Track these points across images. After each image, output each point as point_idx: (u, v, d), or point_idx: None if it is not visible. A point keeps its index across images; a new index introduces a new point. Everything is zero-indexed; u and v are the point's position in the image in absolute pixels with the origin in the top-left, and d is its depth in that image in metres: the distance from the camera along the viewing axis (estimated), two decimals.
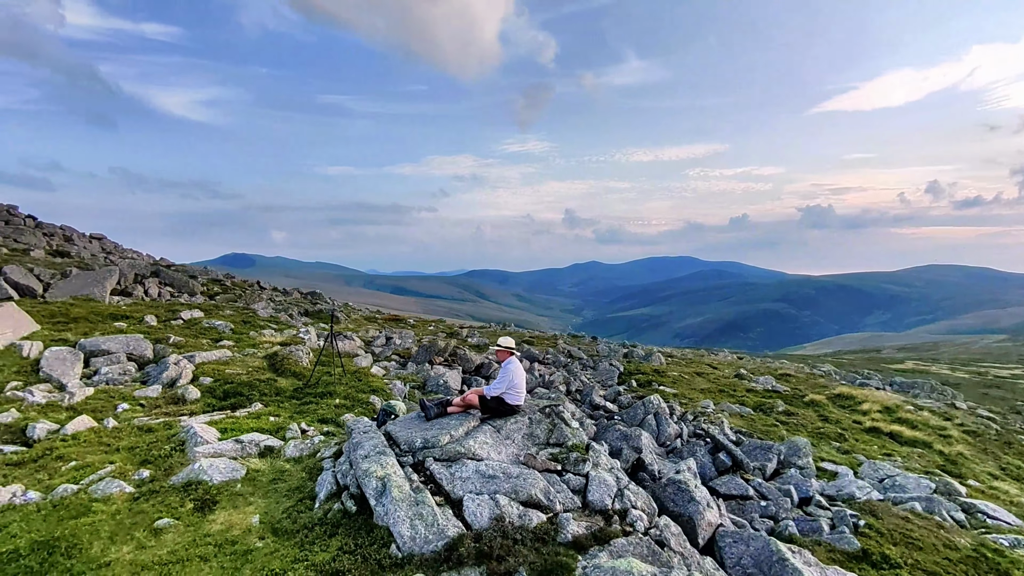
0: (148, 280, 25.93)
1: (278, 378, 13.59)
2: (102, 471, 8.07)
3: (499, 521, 6.15)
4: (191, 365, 13.94)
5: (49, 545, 6.26)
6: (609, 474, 7.30)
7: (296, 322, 22.74)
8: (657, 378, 19.37)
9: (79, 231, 44.72)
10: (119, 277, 24.66)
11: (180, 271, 35.81)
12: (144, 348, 15.36)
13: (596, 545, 6.04)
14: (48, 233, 38.80)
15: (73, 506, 7.08)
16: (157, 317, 20.20)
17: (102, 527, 6.64)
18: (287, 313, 24.83)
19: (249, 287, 38.10)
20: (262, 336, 18.56)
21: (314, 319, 25.35)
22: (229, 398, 11.73)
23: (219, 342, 17.36)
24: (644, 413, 13.97)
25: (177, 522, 6.79)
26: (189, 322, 20.20)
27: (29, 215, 41.26)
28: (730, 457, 12.03)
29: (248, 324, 21.05)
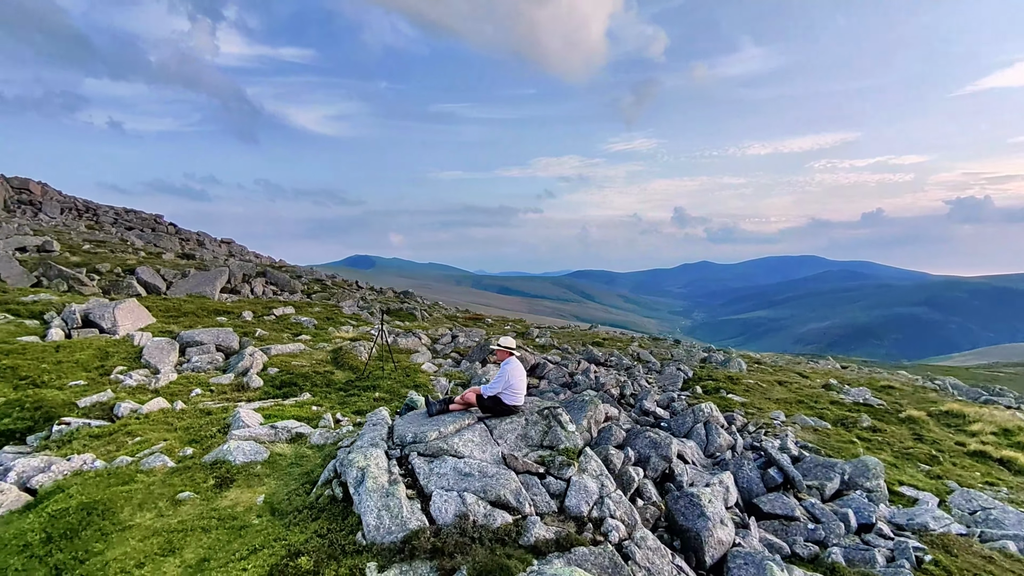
0: (254, 280, 28.89)
1: (336, 371, 14.55)
2: (155, 447, 9.20)
3: (463, 519, 6.17)
4: (264, 356, 15.37)
5: (91, 506, 7.27)
6: (594, 481, 7.01)
7: (375, 320, 24.16)
8: (728, 385, 18.10)
9: (212, 236, 50.86)
10: (229, 277, 27.75)
11: (286, 271, 39.47)
12: (231, 340, 17.16)
13: (556, 551, 5.85)
14: (185, 239, 44.54)
15: (122, 475, 8.15)
16: (254, 313, 22.45)
17: (136, 495, 7.58)
18: (369, 311, 26.45)
19: (348, 286, 41.04)
20: (338, 332, 19.94)
21: (394, 316, 26.75)
22: (284, 388, 12.78)
23: (298, 336, 18.93)
24: (693, 421, 13.15)
25: (196, 496, 7.58)
26: (280, 318, 22.21)
27: (171, 223, 47.68)
28: (781, 473, 11.00)
29: (331, 320, 22.72)
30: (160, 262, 28.27)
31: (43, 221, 36.06)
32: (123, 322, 18.06)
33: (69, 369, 13.92)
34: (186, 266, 28.65)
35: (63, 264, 23.53)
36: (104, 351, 15.22)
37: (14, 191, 42.64)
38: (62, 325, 17.25)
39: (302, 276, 39.02)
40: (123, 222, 43.39)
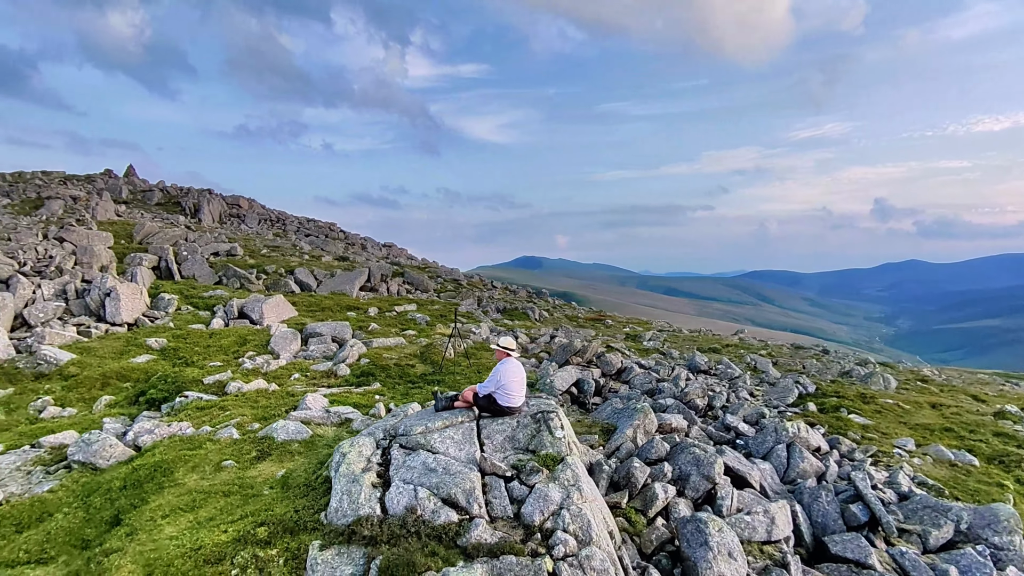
0: (392, 279, 31.87)
1: (418, 364, 15.52)
2: (232, 421, 10.78)
3: (411, 511, 6.29)
4: (363, 348, 16.96)
5: (161, 464, 8.83)
6: (560, 491, 6.59)
7: (486, 318, 25.11)
8: (855, 404, 15.35)
9: (375, 240, 57.05)
10: (369, 277, 30.98)
11: (428, 271, 42.73)
12: (345, 332, 19.20)
13: (485, 556, 5.69)
14: (351, 243, 50.60)
15: (196, 442, 9.74)
16: (379, 309, 24.80)
17: (195, 459, 9.00)
18: (483, 310, 27.54)
19: (482, 286, 43.10)
20: (442, 329, 21.16)
21: (506, 316, 27.49)
22: (362, 377, 14.00)
23: (405, 331, 20.50)
24: (774, 441, 11.48)
25: (235, 465, 8.75)
26: (400, 314, 24.23)
27: (342, 229, 54.54)
28: (866, 510, 9.17)
29: (444, 318, 24.17)
30: (318, 264, 32.64)
31: (242, 230, 43.91)
32: (268, 315, 21.25)
33: (214, 352, 16.83)
34: (338, 267, 32.67)
35: (240, 266, 28.46)
36: (244, 338, 18.11)
37: (228, 206, 52.55)
38: (223, 316, 20.85)
39: (440, 276, 41.97)
40: (303, 229, 50.94)
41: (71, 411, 13.18)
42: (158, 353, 16.74)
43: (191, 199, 47.36)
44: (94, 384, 14.46)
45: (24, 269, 20.87)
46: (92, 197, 34.96)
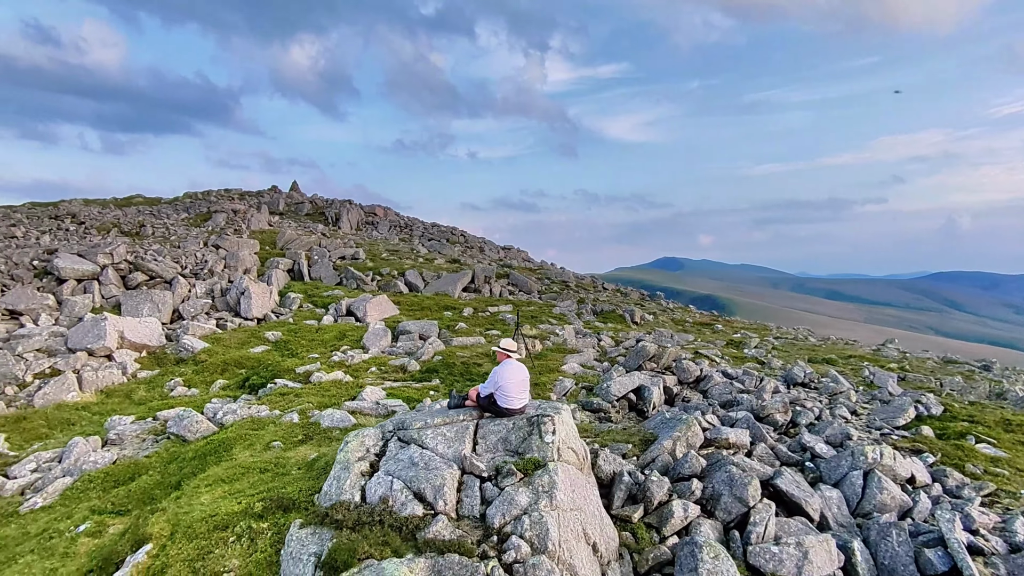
0: (496, 280, 32.83)
1: (486, 363, 15.87)
2: (298, 407, 11.98)
3: (383, 501, 6.57)
4: (441, 346, 17.76)
5: (226, 441, 10.13)
6: (529, 495, 6.40)
7: (576, 321, 24.80)
8: (990, 431, 12.59)
9: (495, 244, 59.03)
10: (472, 278, 32.21)
11: (539, 272, 43.19)
12: (431, 330, 20.25)
13: (433, 552, 5.76)
14: (469, 246, 52.93)
15: (261, 423, 11.00)
16: (474, 309, 25.71)
17: (252, 438, 10.19)
18: (578, 312, 27.20)
19: (593, 287, 42.56)
20: (529, 330, 21.35)
21: (602, 318, 26.87)
22: (427, 373, 14.69)
23: (490, 331, 21.05)
24: (849, 467, 9.88)
25: (281, 446, 9.75)
26: (493, 314, 24.90)
27: (462, 233, 57.24)
28: (947, 559, 7.65)
29: (533, 319, 24.36)
30: (430, 266, 34.71)
31: (373, 236, 48.14)
32: (371, 313, 23.11)
33: (316, 345, 18.74)
34: (447, 269, 34.45)
35: (359, 269, 31.28)
36: (343, 333, 19.92)
37: (365, 215, 57.91)
38: (333, 313, 23.10)
39: (549, 278, 42.18)
40: (427, 234, 54.39)
41: (194, 391, 15.57)
42: (272, 345, 19.09)
43: (333, 209, 53.04)
44: (216, 369, 16.92)
45: (184, 272, 25.05)
46: (250, 211, 40.85)
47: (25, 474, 10.68)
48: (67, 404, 14.34)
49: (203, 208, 42.54)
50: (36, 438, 12.57)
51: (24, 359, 16.31)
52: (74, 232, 30.98)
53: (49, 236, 29.20)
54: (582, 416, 12.27)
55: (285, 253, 31.86)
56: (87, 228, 32.28)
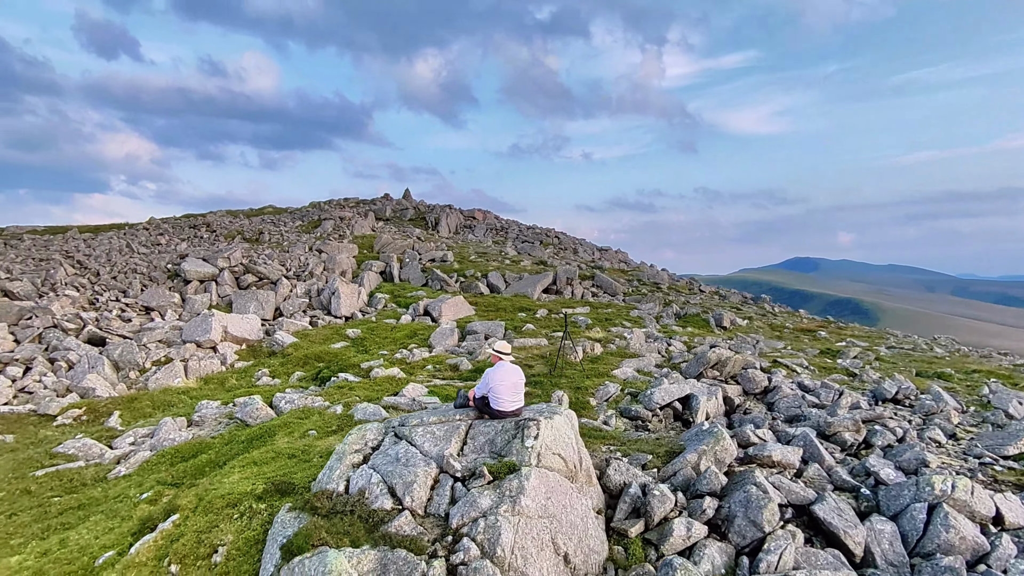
0: (580, 282, 32.45)
1: (538, 365, 15.79)
2: (344, 400, 12.77)
3: (360, 493, 6.85)
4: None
5: (271, 427, 11.09)
6: (492, 499, 6.30)
7: (651, 324, 23.75)
8: None
9: (595, 245, 58.35)
10: (554, 280, 32.09)
11: (630, 274, 41.93)
12: (497, 331, 20.54)
13: (386, 545, 5.91)
14: (563, 247, 52.78)
15: (309, 413, 11.89)
16: (549, 311, 25.64)
17: (295, 426, 11.04)
18: (656, 315, 26.00)
19: (687, 290, 40.49)
20: (590, 332, 20.91)
21: (683, 322, 25.44)
22: (475, 372, 14.92)
23: (555, 332, 20.87)
24: (911, 499, 8.46)
25: (315, 435, 10.48)
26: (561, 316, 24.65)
27: (557, 234, 57.20)
28: None
29: (607, 321, 23.75)
30: (515, 268, 35.15)
31: (468, 239, 49.72)
32: (446, 313, 23.94)
33: (387, 343, 19.83)
34: (532, 271, 34.67)
35: (446, 271, 32.51)
36: (415, 332, 20.85)
37: (464, 219, 60.02)
38: (411, 313, 24.25)
39: (640, 278, 40.76)
40: (522, 236, 55.02)
41: (276, 381, 17.18)
42: (351, 341, 20.50)
43: (433, 214, 55.61)
44: (298, 362, 18.53)
45: (288, 274, 27.69)
46: (355, 217, 44.12)
47: (123, 446, 12.50)
48: (172, 388, 16.51)
49: (315, 216, 46.69)
50: (142, 416, 14.62)
51: (147, 348, 19.03)
52: (206, 239, 35.71)
53: (186, 243, 33.89)
54: (618, 423, 11.79)
55: (379, 256, 34.02)
56: (217, 236, 37.04)
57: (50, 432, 13.66)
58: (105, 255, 29.21)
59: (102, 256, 28.99)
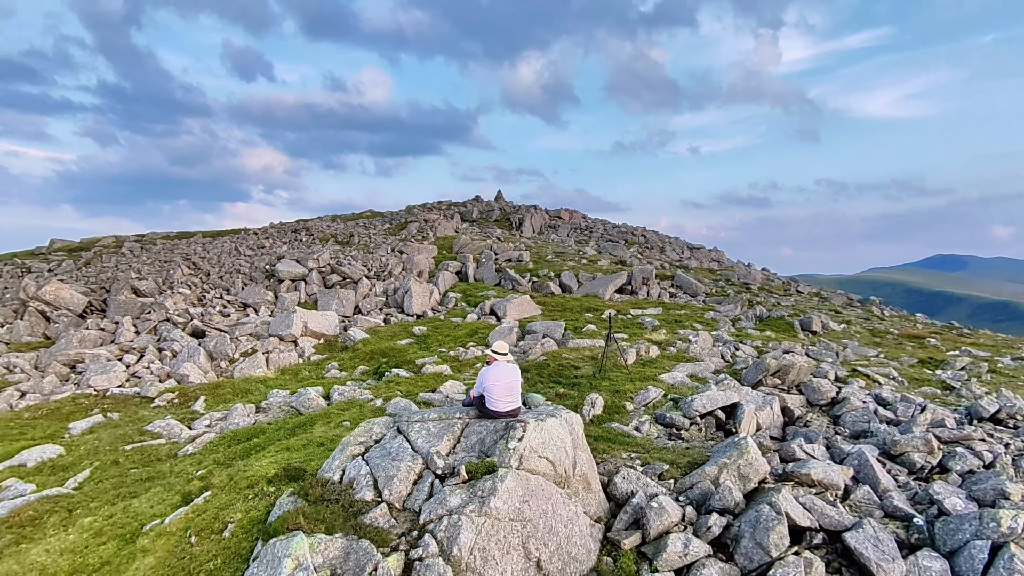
0: (659, 282, 31.28)
1: (586, 366, 15.46)
2: (387, 394, 13.32)
3: (349, 483, 7.16)
4: (554, 346, 17.81)
5: (314, 417, 11.86)
6: (462, 498, 6.28)
7: (723, 327, 22.28)
8: None
9: (689, 244, 56.01)
10: (629, 280, 31.16)
11: (710, 273, 39.66)
12: (556, 331, 20.36)
13: (353, 534, 6.13)
14: (649, 246, 51.09)
15: (349, 405, 12.57)
16: (618, 312, 24.99)
17: (334, 416, 11.72)
18: (734, 317, 24.31)
19: (783, 291, 37.53)
20: (653, 334, 20.07)
21: (764, 325, 23.55)
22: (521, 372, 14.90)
23: (617, 333, 20.29)
24: (972, 535, 7.20)
25: (347, 425, 11.05)
26: (634, 317, 23.93)
27: (645, 233, 55.41)
28: None
29: (676, 323, 22.67)
30: (591, 267, 34.59)
31: (551, 239, 49.65)
32: (511, 312, 24.15)
33: (448, 340, 20.40)
34: (609, 270, 33.91)
35: (520, 271, 32.74)
36: (476, 331, 21.25)
37: (549, 219, 60.04)
38: (477, 312, 24.74)
39: (728, 278, 38.39)
40: (606, 236, 53.95)
41: (343, 374, 18.31)
42: (415, 338, 21.32)
43: (518, 215, 56.19)
44: (364, 357, 19.60)
45: (369, 274, 29.35)
46: (440, 220, 45.75)
47: (200, 428, 13.96)
48: (252, 378, 18.16)
49: (402, 219, 49.02)
50: (222, 401, 16.24)
51: (238, 340, 21.08)
52: (304, 242, 38.90)
53: (287, 246, 37.12)
54: (651, 429, 11.23)
55: (456, 257, 35.02)
56: (314, 239, 40.18)
57: (147, 412, 15.60)
58: (216, 257, 32.91)
59: (214, 258, 32.69)
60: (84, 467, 12.04)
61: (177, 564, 7.05)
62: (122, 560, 7.62)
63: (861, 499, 8.80)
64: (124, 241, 41.18)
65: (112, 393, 16.99)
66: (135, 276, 28.18)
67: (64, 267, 34.22)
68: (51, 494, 10.61)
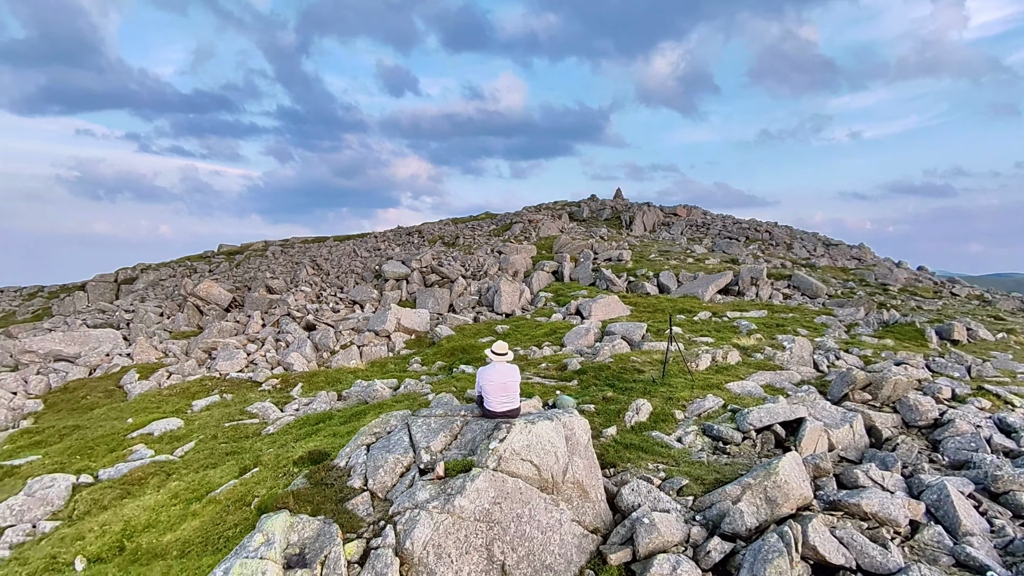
0: (763, 281, 28.64)
1: (651, 371, 14.70)
2: (442, 389, 13.78)
3: (347, 471, 7.62)
4: (626, 349, 17.16)
5: (368, 409, 12.67)
6: (429, 493, 6.36)
7: (834, 332, 19.69)
8: None
9: (831, 239, 50.71)
10: (734, 280, 28.86)
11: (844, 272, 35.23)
12: (637, 333, 19.63)
13: (332, 519, 6.52)
14: (774, 242, 46.87)
15: (406, 398, 13.24)
16: (713, 313, 23.39)
17: (387, 407, 12.41)
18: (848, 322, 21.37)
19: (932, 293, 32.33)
20: (743, 339, 18.43)
21: (886, 331, 20.38)
22: (580, 375, 14.59)
23: (701, 337, 18.99)
24: None
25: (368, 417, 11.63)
26: (729, 320, 22.21)
27: (767, 230, 50.83)
28: None
29: (778, 327, 20.59)
30: (695, 267, 32.57)
31: (662, 237, 47.56)
32: (596, 313, 23.68)
33: (526, 339, 20.59)
34: (716, 269, 31.69)
35: (617, 270, 31.84)
36: (553, 330, 21.17)
37: (664, 216, 57.54)
38: (562, 312, 24.60)
39: (868, 280, 33.91)
40: (725, 232, 50.31)
41: (422, 368, 19.29)
42: (497, 336, 21.77)
43: (629, 213, 54.65)
44: (445, 353, 20.45)
45: (466, 274, 30.48)
46: (544, 220, 46.02)
47: (289, 411, 15.58)
48: (345, 368, 19.84)
49: (507, 221, 50.04)
50: (315, 388, 17.95)
51: (341, 334, 23.12)
52: (415, 244, 41.45)
53: (400, 248, 39.85)
54: (696, 441, 10.38)
55: (554, 256, 35.01)
56: (424, 241, 42.64)
57: (253, 395, 17.76)
58: (338, 259, 36.40)
59: (335, 260, 36.19)
60: (192, 439, 14.03)
61: (212, 529, 8.01)
62: (179, 520, 8.81)
63: (928, 541, 7.51)
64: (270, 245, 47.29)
65: (231, 377, 19.58)
66: (269, 276, 32.17)
67: (221, 268, 40.19)
68: (160, 460, 12.52)
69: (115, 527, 9.15)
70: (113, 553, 8.39)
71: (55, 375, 21.49)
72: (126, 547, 8.35)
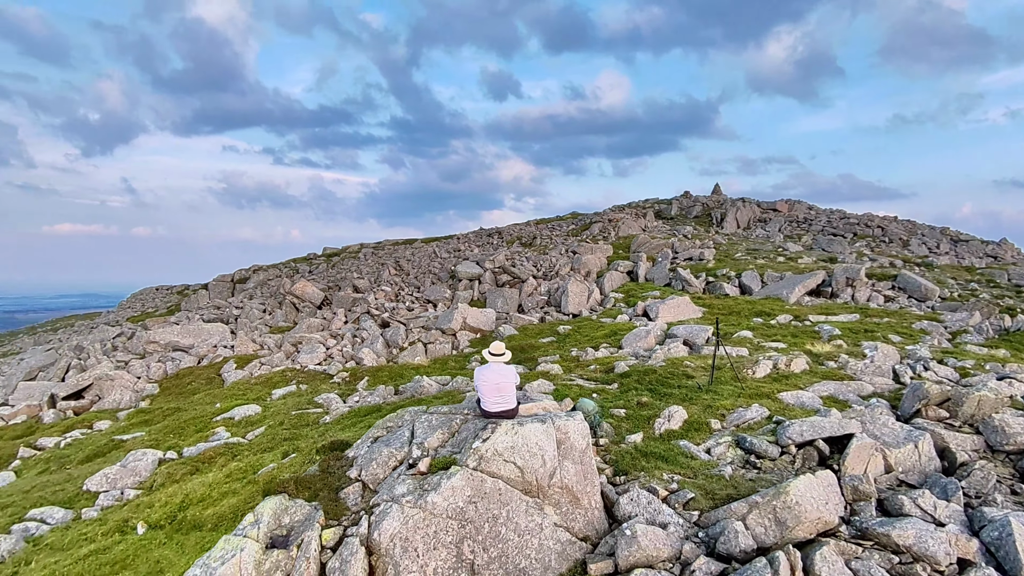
0: (860, 282, 25.92)
1: (697, 376, 13.94)
2: None
3: (351, 461, 8.06)
4: (683, 353, 16.39)
5: (408, 402, 13.18)
6: (407, 487, 6.55)
7: (933, 340, 17.32)
8: None
9: (961, 235, 44.97)
10: (827, 280, 26.37)
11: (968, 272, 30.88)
12: (699, 336, 18.71)
13: (320, 505, 6.95)
14: (886, 239, 42.24)
15: (447, 395, 13.60)
16: (795, 317, 21.70)
17: (426, 403, 12.83)
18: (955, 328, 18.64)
19: None
20: (821, 344, 16.85)
21: (1003, 341, 17.55)
22: (623, 378, 14.15)
23: (774, 342, 17.64)
24: None
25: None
26: (810, 325, 20.45)
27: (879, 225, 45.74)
28: None
29: (867, 333, 18.56)
30: (784, 266, 30.16)
31: (756, 235, 44.50)
32: (664, 314, 22.83)
33: (583, 341, 20.36)
34: (806, 269, 29.16)
35: (697, 270, 30.30)
36: (614, 332, 20.69)
37: (761, 211, 53.79)
38: (628, 313, 23.96)
39: (994, 279, 29.48)
40: (829, 228, 45.97)
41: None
42: (558, 337, 21.68)
43: (720, 210, 51.79)
44: None
45: (537, 274, 30.57)
46: (624, 219, 44.82)
47: (351, 403, 16.62)
48: (410, 364, 20.75)
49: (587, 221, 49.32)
50: (380, 382, 18.96)
51: (411, 331, 24.20)
52: (494, 245, 42.20)
53: (479, 249, 40.80)
54: (727, 453, 9.70)
55: (630, 256, 34.07)
56: (503, 241, 43.25)
57: (324, 387, 19.12)
58: (419, 260, 38.04)
59: (417, 261, 37.85)
60: (264, 424, 15.40)
61: (243, 506, 8.80)
62: (223, 496, 9.77)
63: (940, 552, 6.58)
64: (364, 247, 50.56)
65: (309, 369, 21.22)
66: (356, 276, 34.38)
67: (319, 269, 43.59)
68: (232, 442, 13.89)
69: (176, 499, 10.31)
70: (168, 521, 9.48)
71: (171, 363, 24.51)
72: (177, 517, 9.40)
